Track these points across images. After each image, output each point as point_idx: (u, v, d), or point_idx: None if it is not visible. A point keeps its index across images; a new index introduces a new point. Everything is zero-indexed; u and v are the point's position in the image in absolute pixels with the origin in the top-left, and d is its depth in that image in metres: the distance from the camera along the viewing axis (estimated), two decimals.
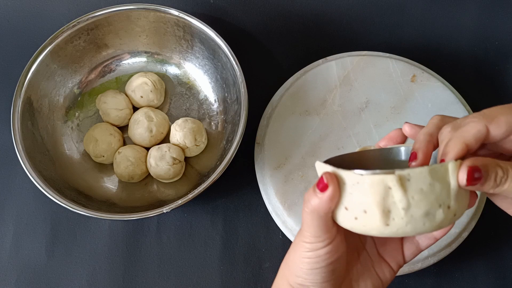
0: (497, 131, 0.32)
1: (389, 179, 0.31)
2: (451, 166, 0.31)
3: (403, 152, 0.38)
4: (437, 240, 0.38)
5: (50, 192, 0.52)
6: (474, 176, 0.31)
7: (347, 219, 0.34)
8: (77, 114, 0.62)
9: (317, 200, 0.33)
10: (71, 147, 0.60)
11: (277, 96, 0.62)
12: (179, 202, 0.51)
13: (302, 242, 0.36)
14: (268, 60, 0.67)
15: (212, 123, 0.62)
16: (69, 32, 0.59)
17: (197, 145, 0.59)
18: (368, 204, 0.32)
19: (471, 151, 0.32)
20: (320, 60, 0.63)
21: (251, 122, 0.58)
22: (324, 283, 0.36)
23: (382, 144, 0.39)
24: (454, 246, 0.55)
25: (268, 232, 0.58)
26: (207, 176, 0.55)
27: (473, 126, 0.32)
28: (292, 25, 0.68)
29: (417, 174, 0.31)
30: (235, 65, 0.57)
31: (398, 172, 0.31)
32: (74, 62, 0.62)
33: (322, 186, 0.33)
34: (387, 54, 0.63)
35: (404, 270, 0.54)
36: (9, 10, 0.69)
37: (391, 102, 0.60)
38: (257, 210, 0.59)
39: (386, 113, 0.60)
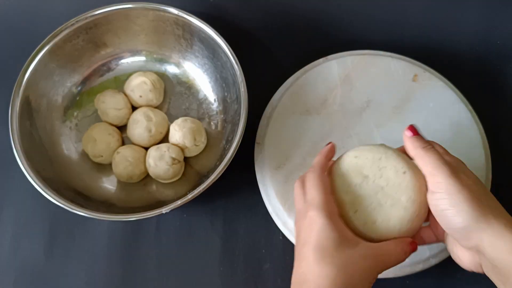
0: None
1: None
2: None
3: None
4: None
5: (49, 193, 0.52)
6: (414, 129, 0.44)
7: None
8: (75, 113, 0.62)
9: None
10: (69, 147, 0.60)
11: (277, 95, 0.62)
12: (179, 202, 0.51)
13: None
14: (268, 59, 0.66)
15: (212, 123, 0.62)
16: (67, 31, 0.59)
17: (197, 145, 0.59)
18: None
19: None
20: (321, 59, 0.63)
21: (251, 122, 0.58)
22: None
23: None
24: None
25: (268, 233, 0.58)
26: (207, 176, 0.55)
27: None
28: (293, 23, 0.68)
29: None
30: (235, 64, 0.56)
31: None
32: (72, 61, 0.61)
33: None
34: (389, 53, 0.63)
35: (406, 271, 0.54)
36: (7, 9, 0.69)
37: (393, 101, 0.60)
38: (257, 211, 0.59)
39: (387, 113, 0.59)
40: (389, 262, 0.41)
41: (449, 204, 0.39)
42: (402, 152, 0.45)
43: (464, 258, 0.42)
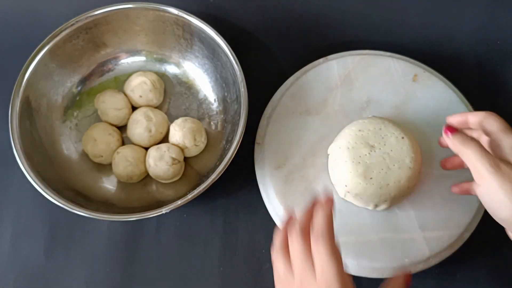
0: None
1: None
2: None
3: None
4: None
5: (48, 193, 0.52)
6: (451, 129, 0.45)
7: None
8: (75, 113, 0.62)
9: None
10: (69, 147, 0.60)
11: (277, 95, 0.62)
12: (179, 202, 0.51)
13: None
14: (268, 59, 0.66)
15: (212, 123, 0.62)
16: (67, 31, 0.59)
17: (197, 145, 0.59)
18: None
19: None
20: (321, 59, 0.63)
21: (251, 122, 0.58)
22: None
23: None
24: (456, 247, 0.55)
25: (268, 233, 0.58)
26: (207, 176, 0.55)
27: None
28: (293, 23, 0.68)
29: None
30: (235, 64, 0.56)
31: None
32: (72, 61, 0.61)
33: None
34: (388, 53, 0.63)
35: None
36: (7, 9, 0.69)
37: (393, 101, 0.60)
38: (257, 211, 0.59)
39: (387, 113, 0.59)
40: None
41: (491, 199, 0.42)
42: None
43: None
